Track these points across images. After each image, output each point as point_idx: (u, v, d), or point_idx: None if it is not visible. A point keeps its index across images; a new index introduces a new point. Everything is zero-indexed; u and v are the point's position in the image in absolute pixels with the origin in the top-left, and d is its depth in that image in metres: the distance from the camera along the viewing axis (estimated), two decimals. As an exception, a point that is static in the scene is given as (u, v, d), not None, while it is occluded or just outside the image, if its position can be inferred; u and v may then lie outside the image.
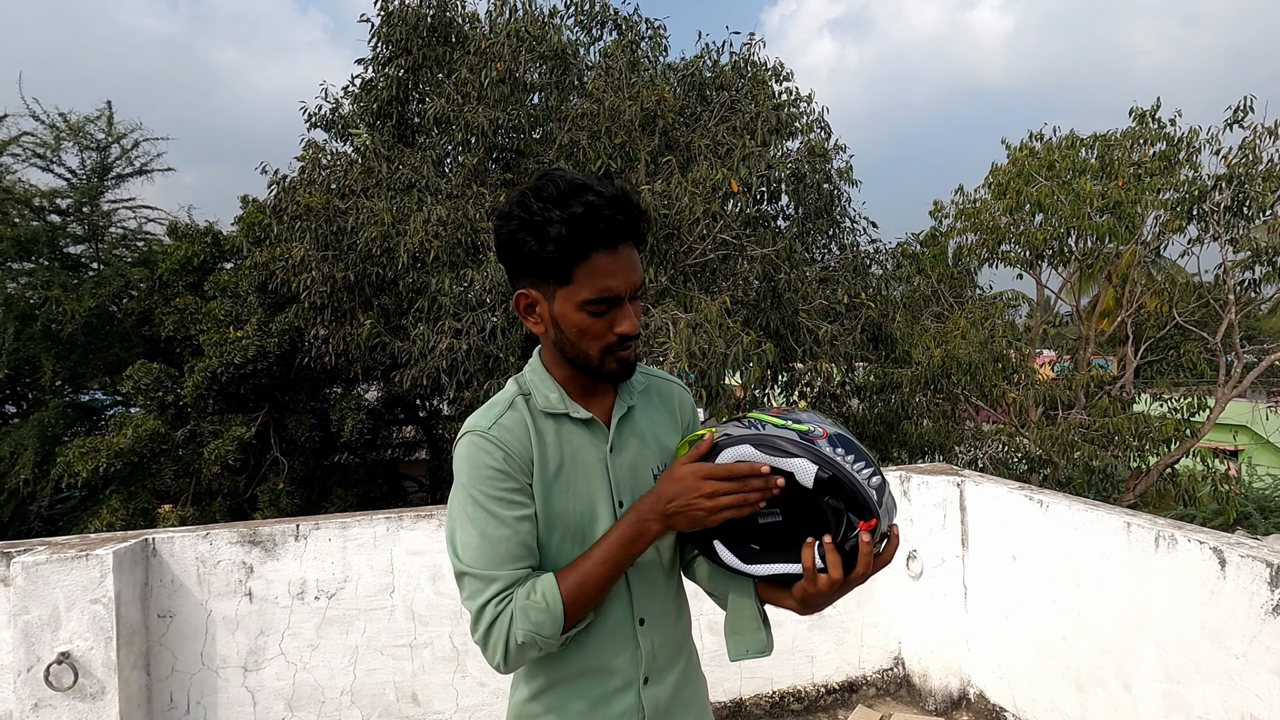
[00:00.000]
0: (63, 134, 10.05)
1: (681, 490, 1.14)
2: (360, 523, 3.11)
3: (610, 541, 1.18)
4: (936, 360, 7.66)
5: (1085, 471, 8.57)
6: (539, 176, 1.17)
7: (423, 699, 3.13)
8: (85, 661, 2.60)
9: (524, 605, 1.13)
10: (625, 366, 1.24)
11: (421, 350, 6.42)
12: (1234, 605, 2.40)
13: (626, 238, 1.17)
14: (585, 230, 1.12)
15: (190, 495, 9.02)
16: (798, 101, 8.02)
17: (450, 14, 7.92)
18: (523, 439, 1.21)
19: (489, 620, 1.14)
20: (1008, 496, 3.39)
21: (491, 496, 1.16)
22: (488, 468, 1.17)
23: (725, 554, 1.22)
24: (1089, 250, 10.10)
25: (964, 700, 3.64)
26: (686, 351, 5.34)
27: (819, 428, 1.16)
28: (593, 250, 1.13)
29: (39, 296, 8.95)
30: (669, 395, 1.42)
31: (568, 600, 1.14)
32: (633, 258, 1.18)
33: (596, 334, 1.19)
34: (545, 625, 1.13)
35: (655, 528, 1.16)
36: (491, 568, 1.15)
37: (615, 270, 1.15)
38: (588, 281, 1.15)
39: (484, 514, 1.16)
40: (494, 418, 1.22)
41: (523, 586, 1.15)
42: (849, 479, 1.11)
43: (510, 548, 1.16)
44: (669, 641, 1.33)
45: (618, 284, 1.16)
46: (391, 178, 7.20)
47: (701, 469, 1.14)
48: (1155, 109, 10.08)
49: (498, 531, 1.16)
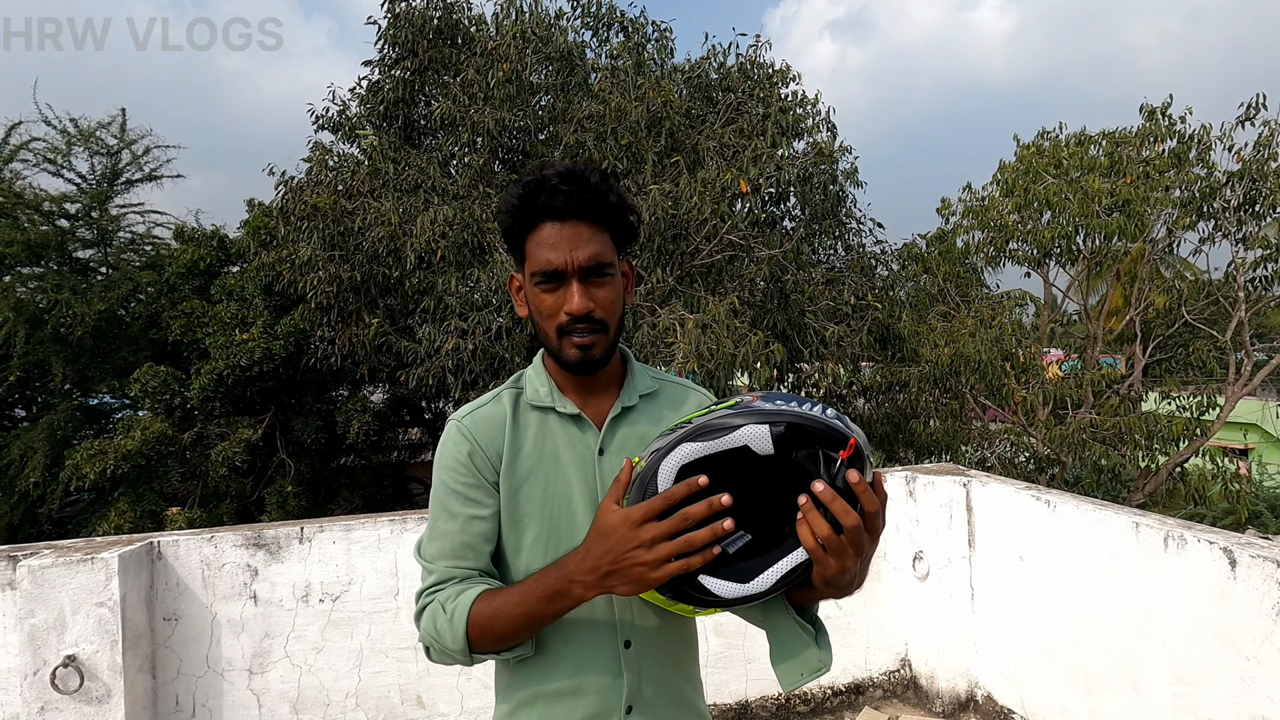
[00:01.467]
0: (74, 139, 10.13)
1: (613, 545, 0.98)
2: (364, 525, 3.10)
3: (529, 587, 1.07)
4: (945, 359, 7.63)
5: (1094, 471, 8.51)
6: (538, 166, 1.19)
7: (427, 701, 3.12)
8: (91, 665, 2.60)
9: (434, 610, 1.11)
10: (583, 355, 1.15)
11: (427, 350, 6.43)
12: (1244, 606, 2.38)
13: (578, 213, 1.12)
14: (530, 199, 1.12)
15: (197, 497, 9.06)
16: (804, 103, 8.01)
17: (457, 16, 7.94)
18: (495, 433, 1.18)
19: (419, 607, 1.14)
20: (1014, 496, 3.36)
21: (450, 489, 1.15)
22: (452, 458, 1.16)
23: (719, 585, 0.98)
24: (1097, 248, 10.04)
25: (972, 702, 3.62)
26: (695, 352, 5.33)
27: (745, 396, 1.01)
28: (539, 220, 1.13)
29: (48, 300, 9.02)
30: (681, 400, 1.32)
31: (473, 626, 1.08)
32: (582, 234, 1.13)
33: (548, 312, 1.15)
34: (445, 638, 1.09)
35: (579, 592, 1.02)
36: (432, 558, 1.15)
37: (556, 242, 1.12)
38: (533, 255, 1.14)
39: (439, 505, 1.16)
40: (473, 408, 1.21)
41: (452, 587, 1.13)
42: (805, 417, 0.94)
43: (452, 544, 1.15)
44: (661, 674, 1.22)
45: (556, 257, 1.11)
46: (398, 178, 7.21)
47: (631, 513, 0.97)
48: (1166, 106, 9.99)
49: (446, 525, 1.15)
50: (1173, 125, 9.94)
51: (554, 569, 1.06)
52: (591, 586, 1.01)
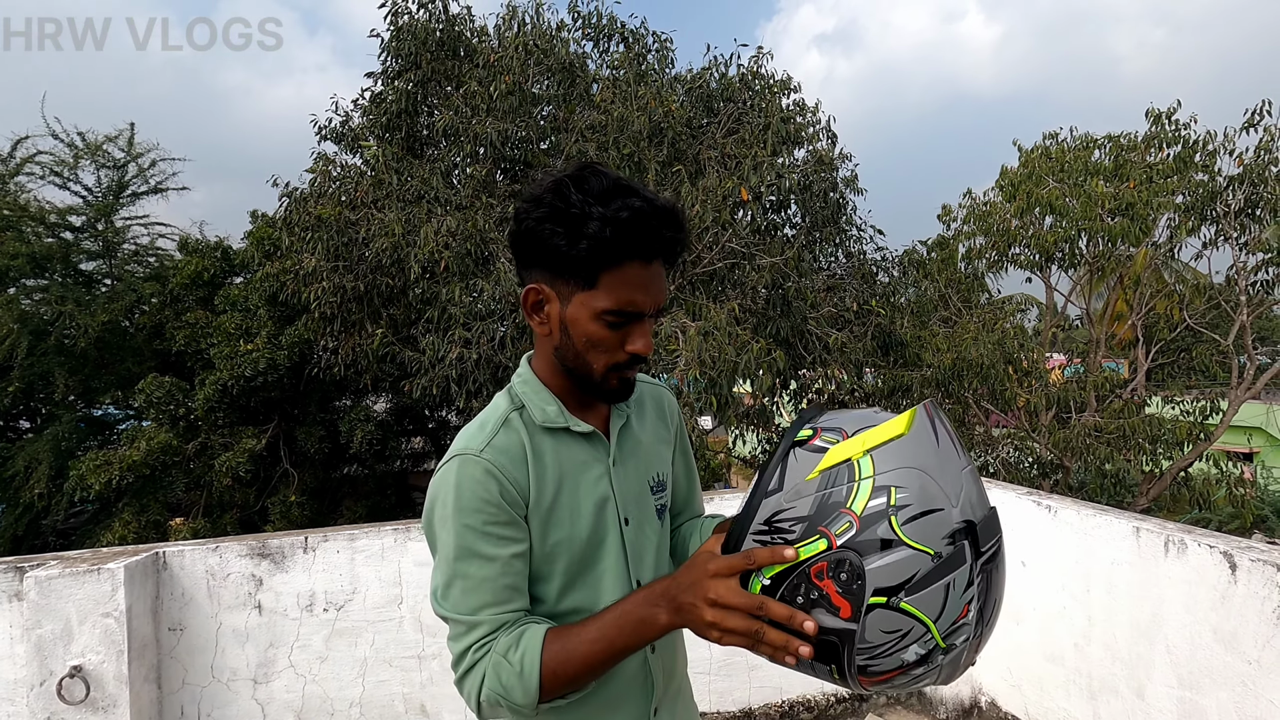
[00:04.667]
0: (81, 153, 10.19)
1: (691, 583, 0.94)
2: (368, 534, 3.12)
3: (608, 621, 1.00)
4: (948, 363, 7.63)
5: (1098, 475, 8.49)
6: (581, 167, 1.05)
7: (431, 710, 3.13)
8: (97, 675, 2.62)
9: (498, 662, 1.01)
10: (625, 386, 1.13)
11: (431, 360, 6.45)
12: (1245, 610, 2.38)
13: (663, 254, 1.07)
14: (626, 236, 1.01)
15: (201, 508, 9.07)
16: (804, 111, 8.04)
17: (459, 28, 7.99)
18: (518, 463, 1.08)
19: (467, 666, 1.04)
20: (1015, 502, 3.37)
21: (480, 532, 1.04)
22: (479, 499, 1.04)
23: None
24: (1100, 252, 10.04)
25: (975, 709, 3.61)
26: (697, 359, 5.34)
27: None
28: (627, 259, 1.02)
29: (53, 312, 9.05)
30: (659, 400, 1.34)
31: (546, 673, 0.99)
32: (662, 276, 1.08)
33: (607, 348, 1.07)
34: (515, 691, 1.00)
35: (664, 618, 0.97)
36: (474, 612, 1.04)
37: (646, 285, 1.04)
38: (613, 291, 1.03)
39: (470, 552, 1.04)
40: (487, 438, 1.09)
41: (508, 634, 1.03)
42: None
43: (495, 590, 1.04)
44: (674, 668, 1.26)
45: (644, 300, 1.05)
46: (401, 189, 7.25)
47: (717, 563, 0.92)
48: (1172, 111, 9.97)
49: (483, 571, 1.04)
50: (1178, 130, 9.94)
51: (637, 595, 1.01)
52: (670, 610, 0.97)
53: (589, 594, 1.14)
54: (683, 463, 1.41)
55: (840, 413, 0.96)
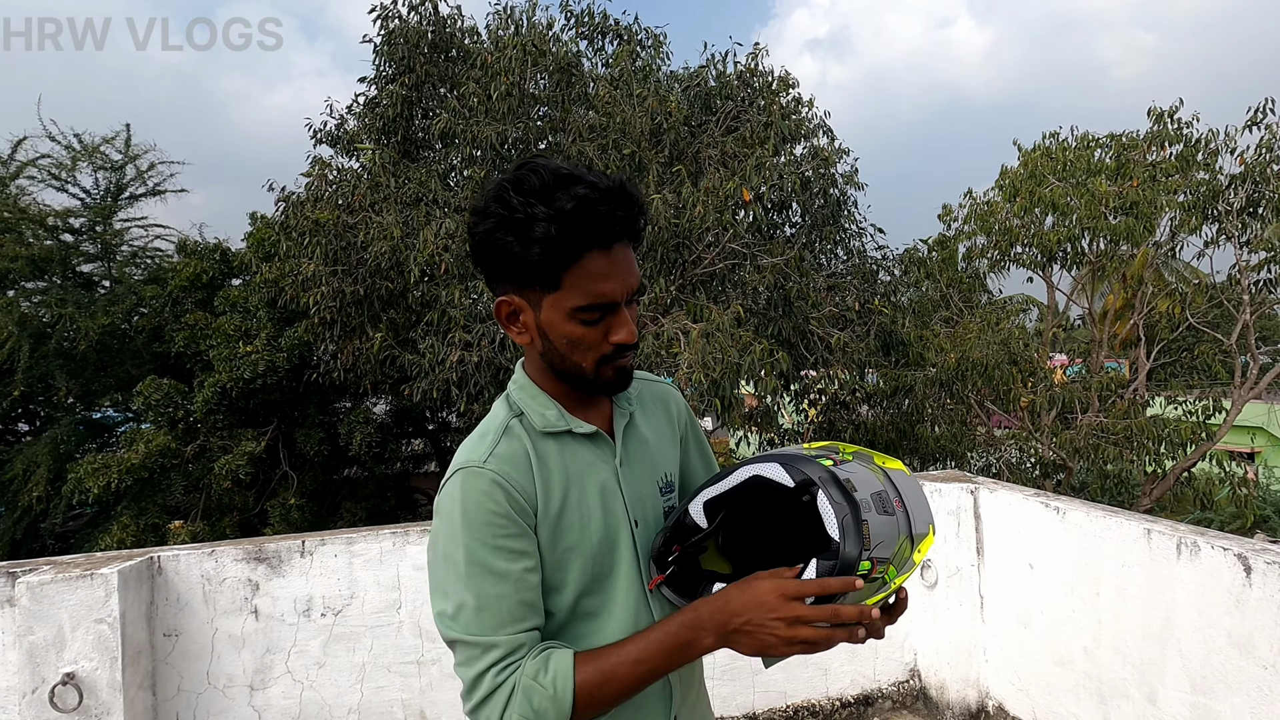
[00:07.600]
0: (79, 155, 10.17)
1: (755, 608, 0.95)
2: (366, 538, 3.07)
3: (650, 641, 1.00)
4: (951, 362, 7.60)
5: (1100, 476, 8.46)
6: (519, 166, 1.01)
7: (431, 716, 3.09)
8: (90, 682, 2.57)
9: (528, 685, 0.97)
10: (622, 375, 1.09)
11: (431, 363, 6.42)
12: (1261, 613, 2.34)
13: (622, 236, 1.02)
14: (576, 229, 0.97)
15: (200, 510, 9.03)
16: (800, 108, 8.01)
17: (450, 30, 7.96)
18: (524, 473, 1.05)
19: (485, 692, 0.98)
20: (1023, 504, 3.33)
21: (490, 547, 0.99)
22: (487, 511, 1.00)
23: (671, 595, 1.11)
24: (1103, 251, 10.00)
25: (982, 713, 3.57)
26: (700, 361, 5.30)
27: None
28: (584, 251, 0.98)
29: (52, 314, 9.03)
30: (664, 399, 1.30)
31: (581, 694, 0.97)
32: (629, 258, 1.04)
33: (590, 344, 1.04)
34: (548, 715, 0.96)
35: (709, 641, 0.98)
36: (489, 633, 0.98)
37: (610, 273, 1.01)
38: (579, 287, 1.00)
39: (480, 569, 0.99)
40: (489, 448, 1.05)
41: (533, 659, 0.99)
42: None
43: (511, 607, 0.99)
44: (692, 677, 1.23)
45: (613, 288, 1.01)
46: (399, 192, 7.21)
47: (788, 587, 0.94)
48: (1174, 109, 9.93)
49: (496, 589, 0.99)
50: (1180, 128, 9.90)
51: (679, 618, 1.01)
52: (717, 636, 0.98)
53: (602, 600, 1.10)
54: (698, 452, 1.36)
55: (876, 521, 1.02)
